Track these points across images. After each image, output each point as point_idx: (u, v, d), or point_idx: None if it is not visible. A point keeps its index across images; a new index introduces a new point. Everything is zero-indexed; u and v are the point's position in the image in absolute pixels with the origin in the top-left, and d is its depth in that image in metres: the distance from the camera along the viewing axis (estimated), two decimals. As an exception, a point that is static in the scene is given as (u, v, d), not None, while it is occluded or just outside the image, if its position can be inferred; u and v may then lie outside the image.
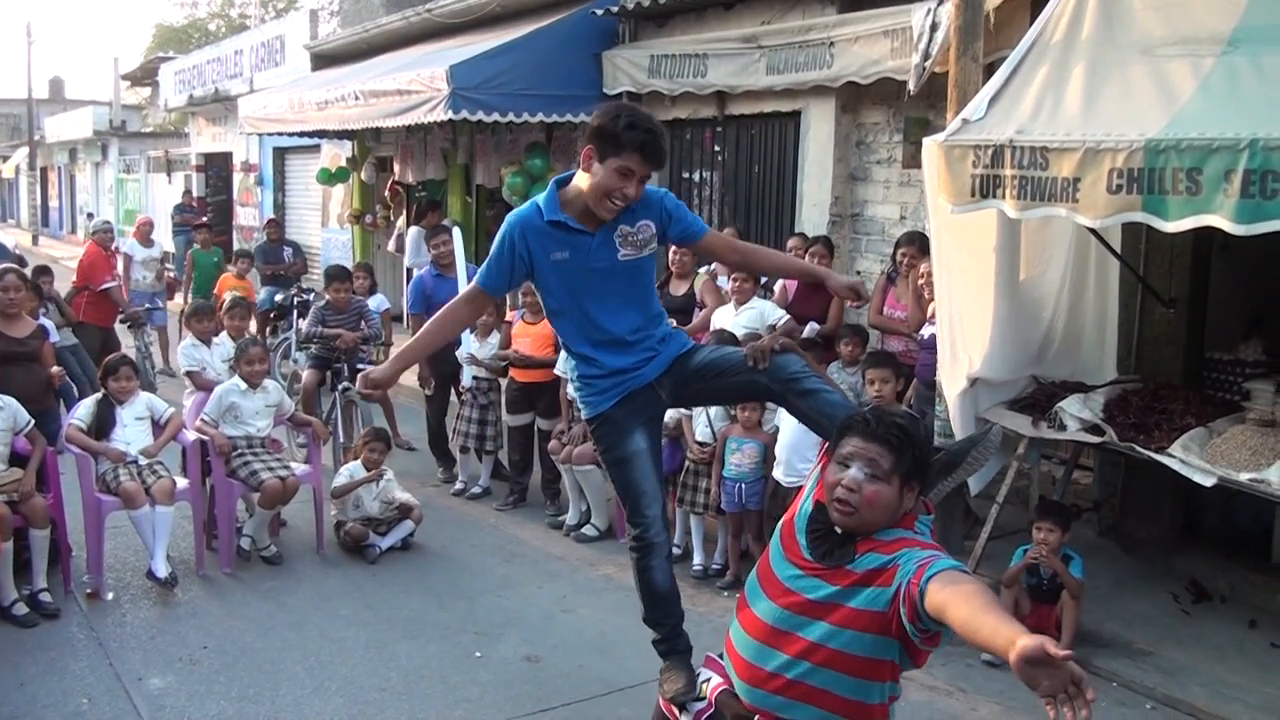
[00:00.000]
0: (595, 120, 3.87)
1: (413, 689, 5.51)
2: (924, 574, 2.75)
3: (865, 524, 2.96)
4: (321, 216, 19.26)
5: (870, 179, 8.75)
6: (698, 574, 7.07)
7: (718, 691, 3.35)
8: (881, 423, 3.00)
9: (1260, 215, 4.63)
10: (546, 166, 11.22)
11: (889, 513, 2.97)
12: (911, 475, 2.99)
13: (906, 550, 2.90)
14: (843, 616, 2.94)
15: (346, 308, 9.28)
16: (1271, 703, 5.44)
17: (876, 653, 2.94)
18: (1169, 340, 7.01)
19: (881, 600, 2.88)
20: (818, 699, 3.01)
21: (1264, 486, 5.49)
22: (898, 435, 2.97)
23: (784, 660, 3.03)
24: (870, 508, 2.94)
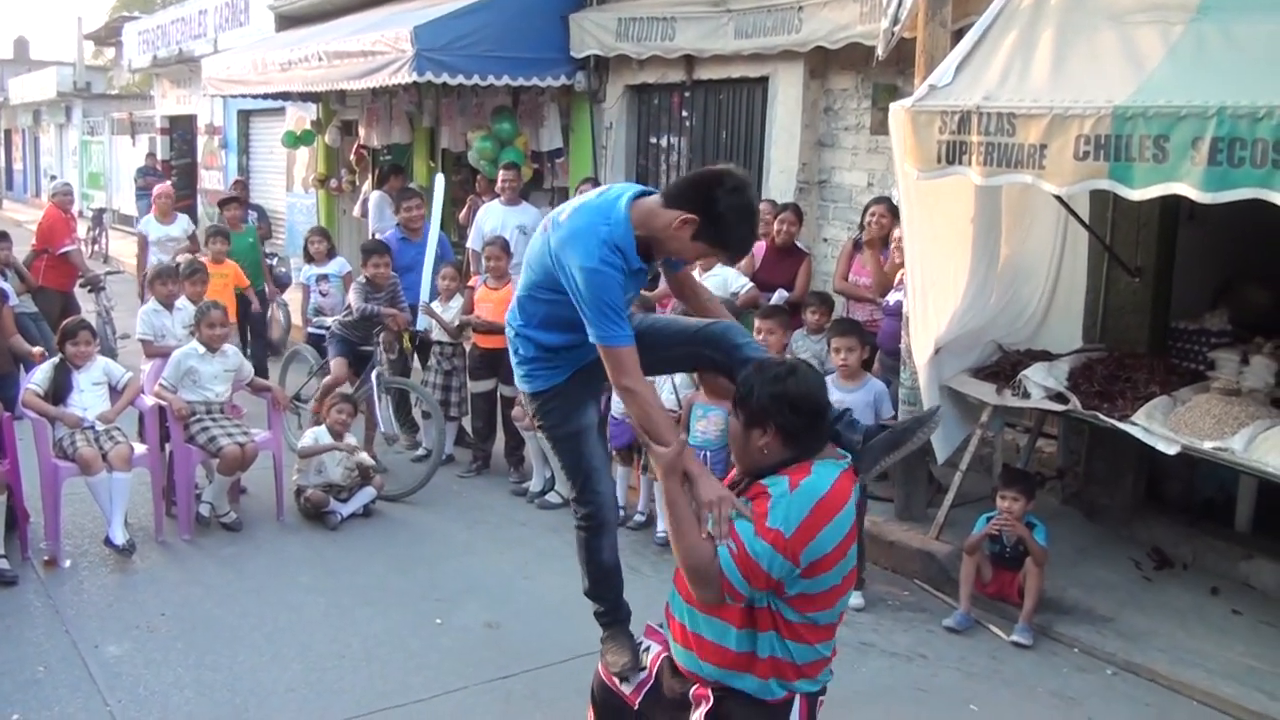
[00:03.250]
0: (716, 202, 3.46)
1: (372, 655, 5.47)
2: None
3: (736, 459, 3.24)
4: (286, 180, 19.04)
5: (838, 145, 8.69)
6: (661, 541, 7.03)
7: (659, 661, 3.40)
8: (745, 375, 3.20)
9: (1227, 183, 4.62)
10: (514, 131, 11.09)
11: (739, 447, 3.18)
12: (753, 419, 3.10)
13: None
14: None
15: (386, 284, 8.52)
16: (1232, 668, 5.49)
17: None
18: (1134, 309, 7.01)
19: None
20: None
21: (1227, 454, 5.51)
22: (742, 383, 3.16)
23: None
24: (730, 439, 3.26)
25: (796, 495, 3.00)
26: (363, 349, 8.46)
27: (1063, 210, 6.52)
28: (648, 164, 10.61)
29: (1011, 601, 6.04)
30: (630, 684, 3.53)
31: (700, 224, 3.45)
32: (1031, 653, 5.72)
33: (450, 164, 13.11)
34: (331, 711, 4.94)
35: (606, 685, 3.64)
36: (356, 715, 4.92)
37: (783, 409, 3.06)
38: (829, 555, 3.01)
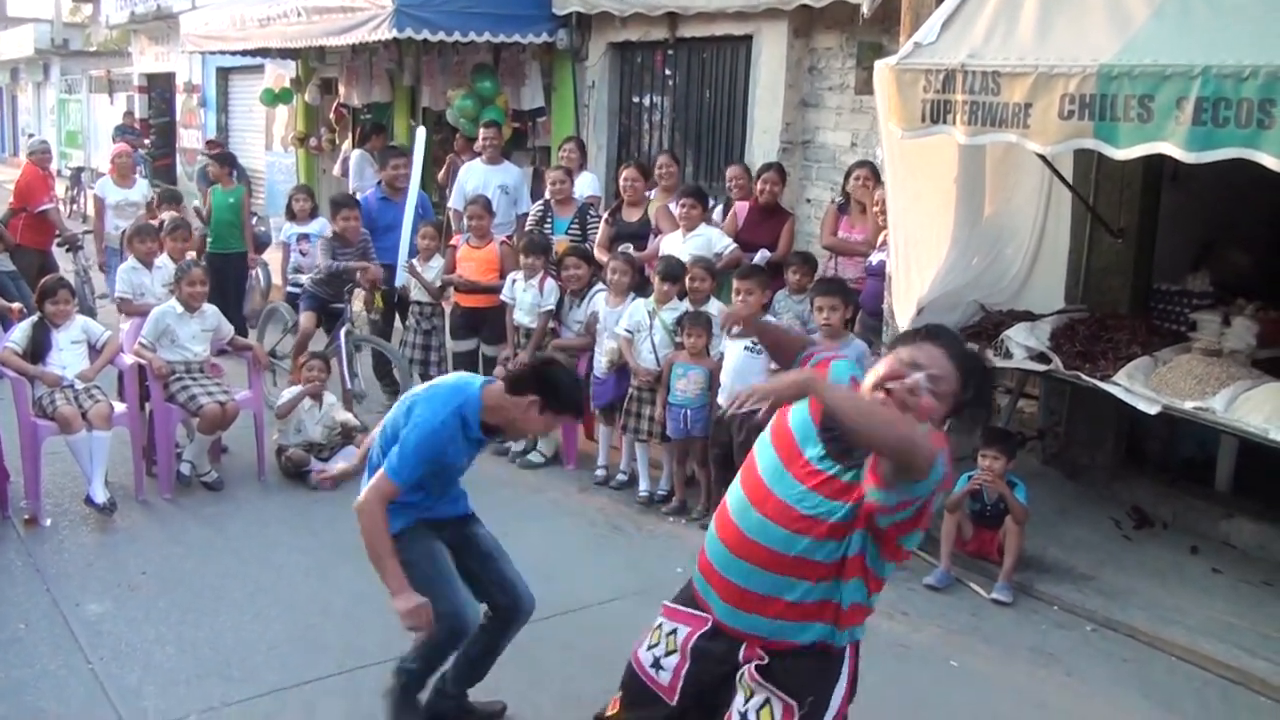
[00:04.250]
0: (556, 384, 4.16)
1: (353, 613, 5.46)
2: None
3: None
4: (265, 139, 18.89)
5: (822, 105, 8.64)
6: (644, 499, 7.06)
7: (691, 640, 3.27)
8: (964, 350, 3.06)
9: (1211, 143, 4.60)
10: (495, 90, 11.01)
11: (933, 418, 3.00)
12: (962, 407, 3.02)
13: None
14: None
15: (356, 240, 8.55)
16: (1210, 625, 5.54)
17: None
18: (1117, 270, 7.01)
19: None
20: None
21: (1208, 414, 5.53)
22: (972, 365, 3.03)
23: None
24: (921, 417, 2.93)
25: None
26: (333, 306, 8.43)
27: (1046, 170, 6.50)
28: (630, 123, 10.55)
29: (991, 560, 6.08)
30: (663, 671, 3.34)
31: (545, 402, 4.11)
32: (1011, 610, 5.76)
33: (431, 123, 12.99)
34: (315, 668, 4.95)
35: (640, 676, 3.42)
36: (339, 671, 4.92)
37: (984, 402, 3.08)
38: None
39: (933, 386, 2.95)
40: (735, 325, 3.70)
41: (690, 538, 6.56)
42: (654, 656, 3.37)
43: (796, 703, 3.10)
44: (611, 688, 4.70)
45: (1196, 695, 5.07)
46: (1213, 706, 4.99)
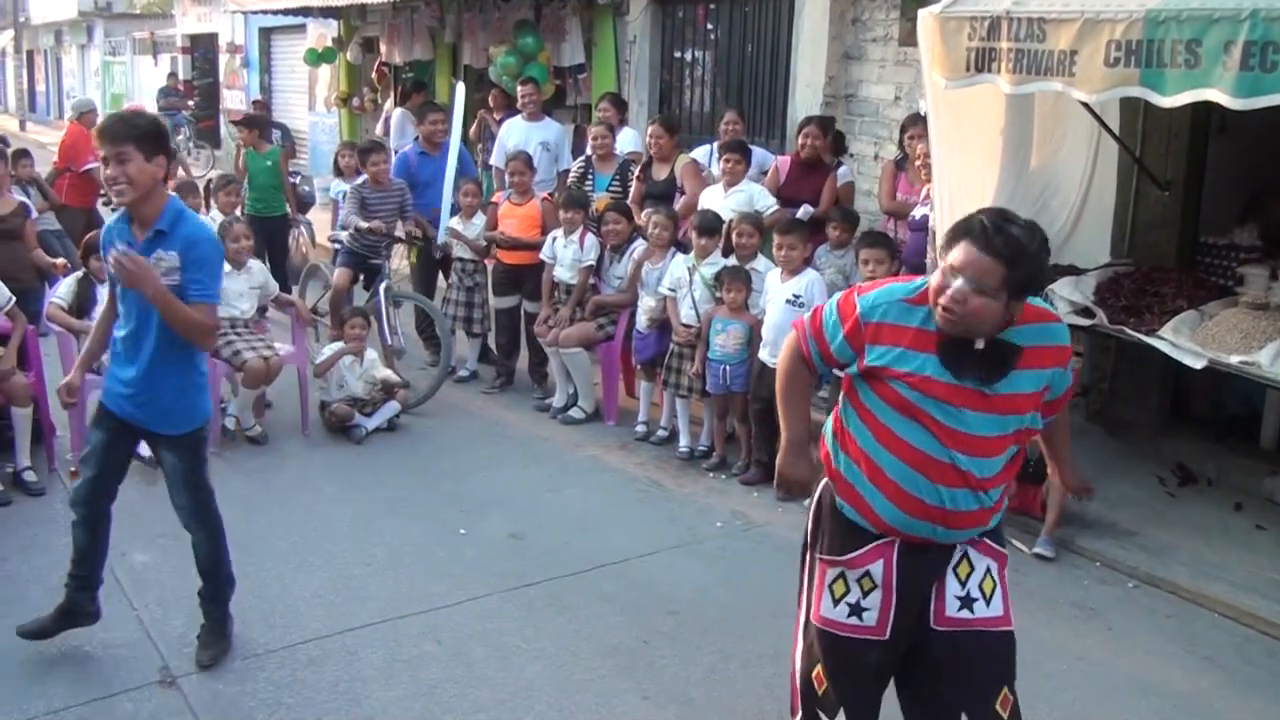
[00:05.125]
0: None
1: (397, 564, 5.53)
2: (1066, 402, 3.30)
3: (970, 330, 2.98)
4: (309, 99, 18.95)
5: (865, 58, 8.54)
6: (684, 455, 7.06)
7: (894, 571, 3.22)
8: (998, 233, 2.92)
9: (1259, 89, 4.50)
10: (538, 45, 10.97)
11: (994, 323, 2.98)
12: (1022, 289, 2.96)
13: (1059, 371, 3.16)
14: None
15: (389, 185, 8.49)
16: (1253, 581, 5.49)
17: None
18: (1163, 224, 6.91)
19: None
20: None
21: (1254, 369, 5.44)
22: (1011, 249, 2.90)
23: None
24: (975, 318, 2.94)
25: (1062, 322, 3.22)
26: (372, 262, 8.44)
27: (1095, 122, 6.41)
28: (672, 79, 10.49)
29: (1034, 515, 6.04)
30: (868, 613, 3.24)
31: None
32: (1053, 565, 5.73)
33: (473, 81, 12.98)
34: (357, 616, 5.00)
35: (838, 634, 3.30)
36: (381, 620, 4.97)
37: (1043, 277, 3.19)
38: None
39: (974, 288, 2.91)
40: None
41: (730, 493, 6.59)
42: (849, 606, 3.27)
43: (1006, 552, 3.33)
44: (650, 637, 4.82)
45: (1238, 650, 5.02)
46: (1256, 661, 4.94)
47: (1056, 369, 3.13)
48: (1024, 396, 3.07)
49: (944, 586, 3.23)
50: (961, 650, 3.21)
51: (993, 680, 3.23)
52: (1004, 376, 3.02)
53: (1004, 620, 3.25)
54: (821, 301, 6.35)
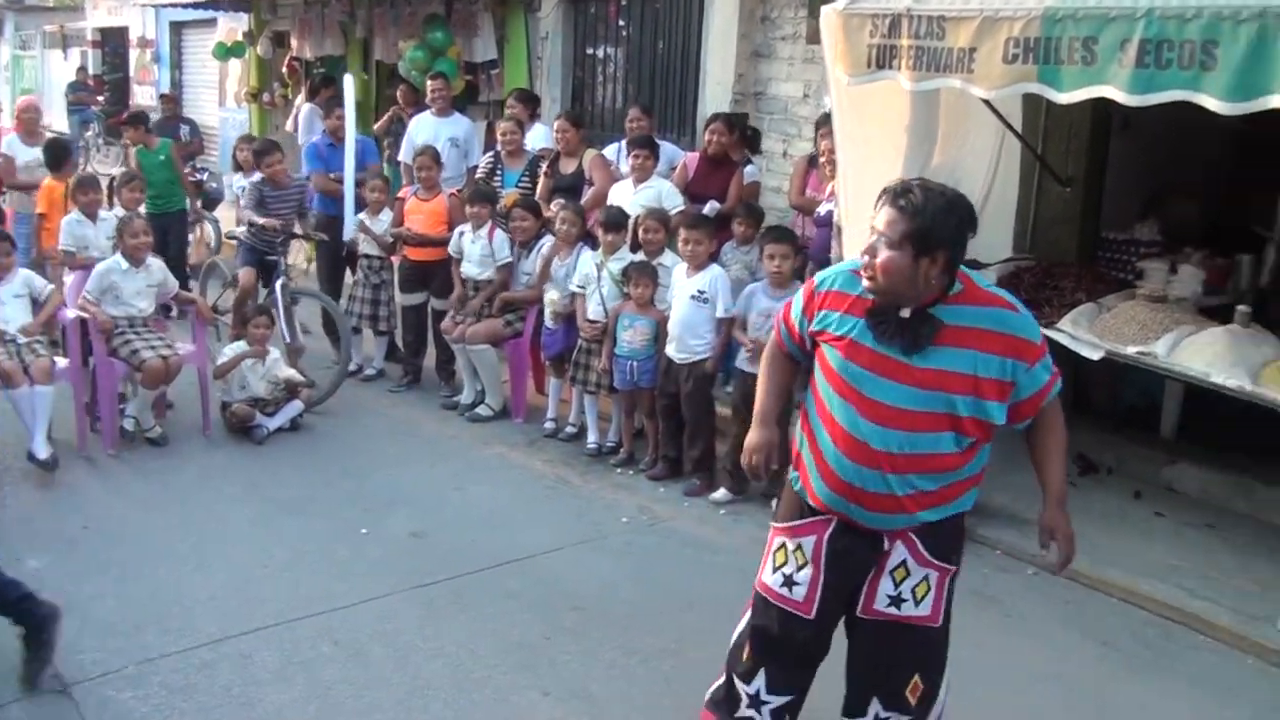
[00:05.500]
0: None
1: (296, 564, 5.43)
2: (1040, 406, 3.21)
3: (890, 292, 3.04)
4: (219, 95, 18.66)
5: (774, 56, 8.56)
6: (591, 452, 7.03)
7: (823, 547, 3.31)
8: (905, 190, 3.03)
9: (1154, 86, 4.58)
10: (447, 41, 10.88)
11: (906, 279, 3.00)
12: (927, 244, 2.97)
13: (1019, 365, 3.09)
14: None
15: (287, 184, 8.41)
16: (1150, 566, 5.59)
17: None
18: (1065, 220, 7.01)
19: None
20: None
21: (1150, 359, 5.55)
22: (912, 204, 2.99)
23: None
24: (886, 275, 3.01)
25: (1023, 311, 3.17)
26: (269, 258, 8.30)
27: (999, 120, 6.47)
28: (584, 76, 10.45)
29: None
30: (798, 587, 3.35)
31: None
32: (954, 555, 5.76)
33: (385, 76, 12.88)
34: (253, 618, 4.89)
35: (772, 601, 3.42)
36: (278, 621, 4.87)
37: (960, 235, 3.06)
38: None
39: (885, 241, 3.01)
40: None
41: (638, 489, 6.58)
42: (784, 576, 3.38)
43: (954, 567, 3.31)
44: (553, 633, 4.78)
45: (1135, 634, 5.11)
46: (1153, 644, 5.03)
47: (1011, 360, 3.06)
48: (955, 375, 3.05)
49: (877, 584, 3.28)
50: (879, 637, 3.32)
51: (906, 667, 3.32)
52: (924, 348, 3.05)
53: (930, 619, 3.29)
54: (726, 296, 6.44)
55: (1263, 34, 4.24)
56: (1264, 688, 4.73)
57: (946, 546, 3.29)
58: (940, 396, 3.07)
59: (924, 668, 3.34)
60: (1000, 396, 3.09)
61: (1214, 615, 5.17)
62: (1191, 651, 5.00)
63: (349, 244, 8.50)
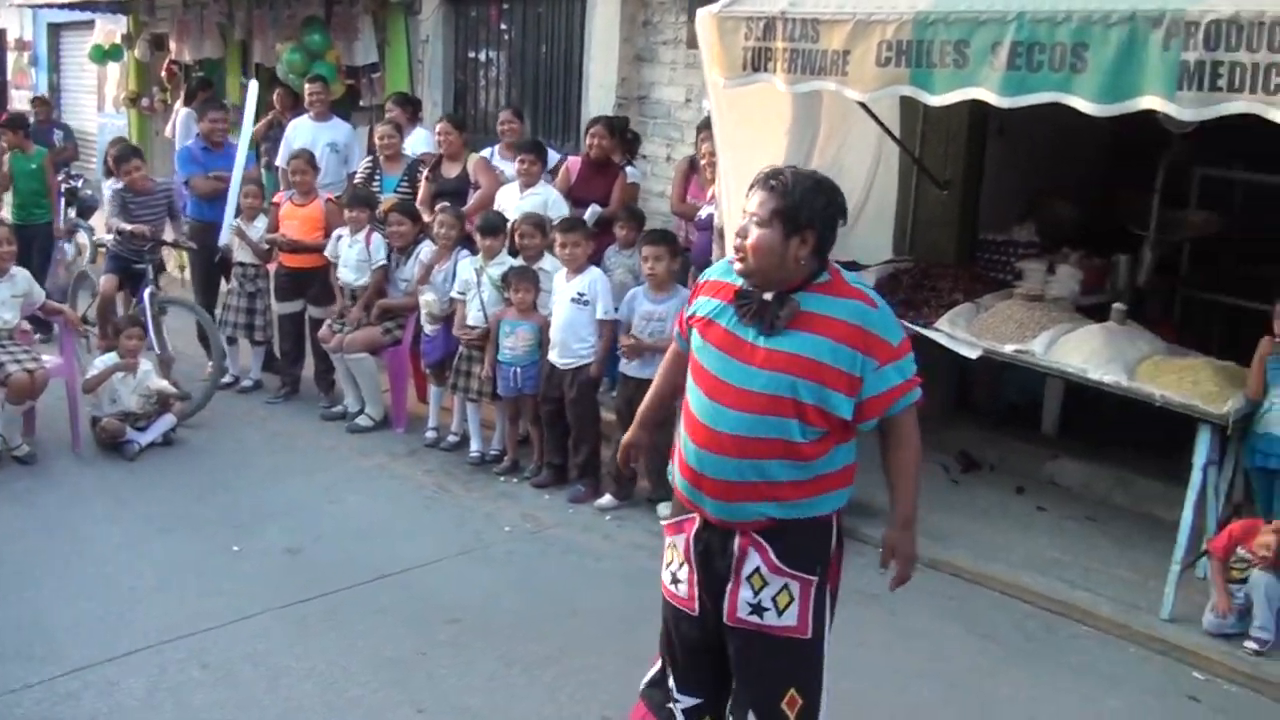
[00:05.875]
0: None
1: (166, 585, 5.25)
2: (886, 410, 3.12)
3: (760, 273, 3.07)
4: (98, 100, 18.11)
5: (657, 60, 8.52)
6: (475, 460, 6.92)
7: (690, 546, 3.27)
8: (775, 173, 3.10)
9: (1025, 88, 4.65)
10: (325, 44, 10.65)
11: (775, 258, 3.03)
12: (796, 223, 3.01)
13: (869, 361, 3.04)
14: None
15: (151, 189, 8.13)
16: (1032, 560, 5.67)
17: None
18: (943, 221, 7.07)
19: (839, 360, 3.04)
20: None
21: (1028, 357, 5.62)
22: (781, 183, 3.04)
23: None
24: (756, 254, 3.04)
25: (883, 308, 3.13)
26: (136, 267, 8.03)
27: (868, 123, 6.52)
28: (466, 79, 10.30)
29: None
30: (680, 584, 3.34)
31: None
32: (837, 555, 5.75)
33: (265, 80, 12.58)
34: (120, 643, 4.72)
35: (669, 601, 3.41)
36: (146, 646, 4.70)
37: (829, 216, 3.06)
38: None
39: (755, 220, 3.05)
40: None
41: (522, 496, 6.49)
42: (671, 574, 3.37)
43: (814, 577, 3.19)
44: (428, 648, 4.69)
45: (1018, 627, 5.17)
46: (1035, 636, 5.09)
47: (861, 355, 3.03)
48: (801, 359, 3.02)
49: (738, 591, 3.21)
50: (749, 649, 3.26)
51: (778, 680, 3.25)
52: (778, 330, 3.05)
53: (797, 630, 3.21)
54: (606, 298, 6.38)
55: (1133, 36, 4.32)
56: (1146, 674, 4.83)
57: (803, 555, 3.18)
58: (784, 379, 3.04)
59: (798, 682, 3.26)
60: (849, 390, 3.05)
61: (1095, 605, 5.26)
62: (1074, 641, 5.06)
63: (224, 251, 8.26)
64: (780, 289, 3.08)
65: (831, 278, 3.12)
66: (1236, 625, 4.95)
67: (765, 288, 3.09)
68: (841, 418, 3.07)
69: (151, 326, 7.69)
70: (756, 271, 3.07)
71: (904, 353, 3.13)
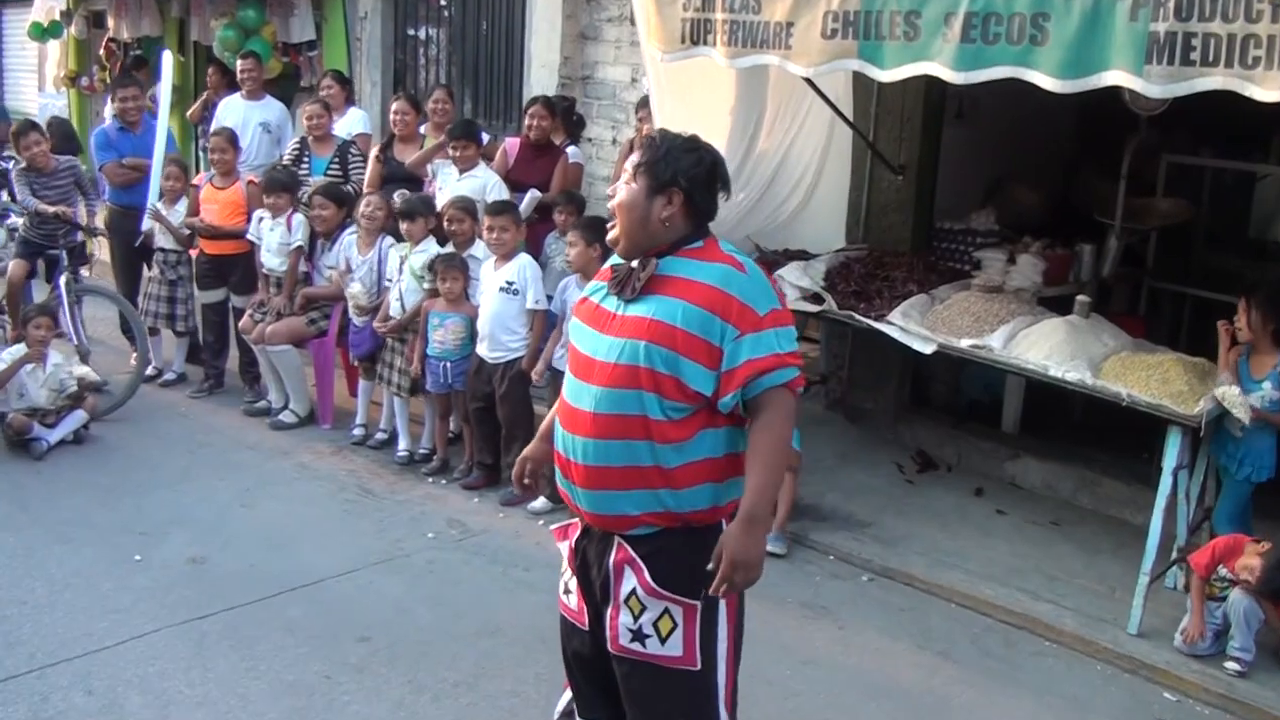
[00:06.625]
0: None
1: (57, 601, 4.84)
2: (742, 386, 2.79)
3: (626, 236, 2.92)
4: (38, 79, 17.59)
5: (601, 38, 8.15)
6: (402, 459, 6.54)
7: (574, 554, 3.07)
8: (649, 138, 3.01)
9: (980, 62, 4.39)
10: (260, 20, 10.23)
11: (639, 216, 2.88)
12: (660, 181, 2.86)
13: (729, 329, 2.79)
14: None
15: (51, 168, 7.71)
16: (990, 568, 5.37)
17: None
18: (897, 208, 6.75)
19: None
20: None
21: (985, 352, 5.33)
22: (649, 143, 2.96)
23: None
24: (619, 212, 2.93)
25: (754, 274, 2.90)
26: (51, 251, 7.65)
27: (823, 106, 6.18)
28: (405, 58, 9.91)
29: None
30: (570, 595, 3.12)
31: None
32: (784, 562, 5.44)
33: (204, 59, 12.15)
34: (2, 666, 4.32)
35: (562, 613, 3.18)
36: (28, 669, 4.31)
37: (698, 175, 2.88)
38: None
39: (625, 179, 2.94)
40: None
41: (450, 499, 6.12)
42: (563, 583, 3.15)
43: (696, 601, 2.89)
44: (334, 670, 4.32)
45: (975, 642, 4.85)
46: (993, 652, 4.78)
47: (720, 321, 2.77)
48: (654, 324, 2.80)
49: (617, 616, 2.93)
50: (635, 681, 2.99)
51: (667, 716, 2.98)
52: (636, 296, 2.87)
53: (684, 661, 2.90)
54: (537, 287, 6.01)
55: (1097, 6, 4.05)
56: (1114, 694, 4.52)
57: (682, 574, 2.87)
58: (636, 346, 2.80)
59: (689, 717, 2.96)
60: (708, 361, 2.78)
61: (1058, 619, 4.96)
62: (1036, 659, 4.75)
63: (144, 235, 7.83)
64: (644, 253, 2.91)
65: (705, 245, 2.92)
66: (1210, 648, 4.66)
67: (633, 254, 2.92)
68: (700, 393, 2.79)
69: (67, 315, 7.30)
70: (624, 235, 2.92)
71: (774, 323, 2.83)
